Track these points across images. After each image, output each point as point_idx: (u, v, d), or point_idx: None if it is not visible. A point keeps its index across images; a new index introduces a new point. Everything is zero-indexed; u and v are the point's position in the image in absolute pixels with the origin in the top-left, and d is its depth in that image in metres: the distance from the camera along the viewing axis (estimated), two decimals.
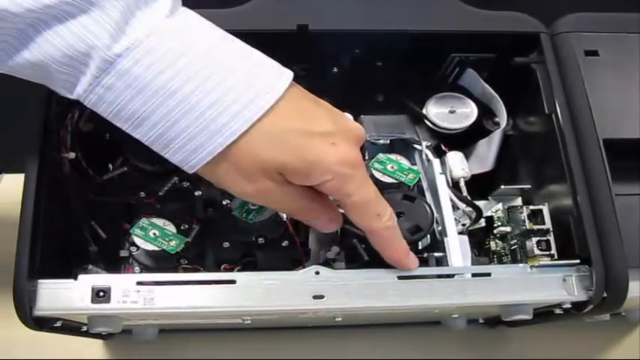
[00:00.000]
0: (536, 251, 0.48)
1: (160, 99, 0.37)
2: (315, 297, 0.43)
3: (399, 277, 0.44)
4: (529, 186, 0.54)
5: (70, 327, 0.47)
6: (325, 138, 0.39)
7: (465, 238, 0.50)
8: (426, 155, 0.54)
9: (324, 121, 0.40)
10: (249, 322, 0.49)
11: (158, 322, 0.55)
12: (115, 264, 0.50)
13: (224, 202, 0.50)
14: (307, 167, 0.39)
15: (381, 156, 0.52)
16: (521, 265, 0.47)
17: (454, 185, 0.54)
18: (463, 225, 0.52)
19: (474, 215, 0.52)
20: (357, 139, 0.42)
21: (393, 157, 0.52)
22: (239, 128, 0.37)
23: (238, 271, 0.49)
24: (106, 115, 0.38)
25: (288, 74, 0.40)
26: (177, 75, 0.36)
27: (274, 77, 0.39)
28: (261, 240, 0.50)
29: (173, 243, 0.47)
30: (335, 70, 0.57)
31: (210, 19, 0.52)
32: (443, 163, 0.54)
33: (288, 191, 0.40)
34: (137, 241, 0.48)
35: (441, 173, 0.52)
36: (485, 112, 0.57)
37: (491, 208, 0.54)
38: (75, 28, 0.35)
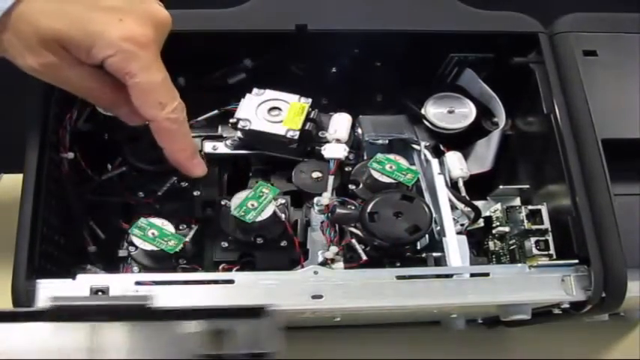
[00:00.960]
0: (535, 251, 0.48)
1: None
2: (314, 297, 0.43)
3: (398, 277, 0.44)
4: (528, 186, 0.54)
5: None
6: (111, 13, 0.38)
7: (464, 238, 0.50)
8: (425, 155, 0.54)
9: None
10: None
11: None
12: (113, 264, 0.50)
13: (222, 202, 0.50)
14: (87, 40, 0.37)
15: (379, 156, 0.52)
16: (519, 265, 0.47)
17: (453, 185, 0.54)
18: (462, 225, 0.52)
19: (472, 215, 0.52)
20: (152, 19, 0.39)
21: (392, 157, 0.52)
22: None
23: (237, 271, 0.49)
24: None
25: None
26: None
27: None
28: (259, 240, 0.50)
29: (171, 243, 0.47)
30: (334, 70, 0.57)
31: (210, 19, 0.52)
32: (441, 163, 0.54)
33: (76, 69, 0.39)
34: (136, 240, 0.47)
35: (439, 173, 0.52)
36: (484, 112, 0.57)
37: (490, 208, 0.54)
38: None
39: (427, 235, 0.50)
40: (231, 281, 0.43)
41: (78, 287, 0.42)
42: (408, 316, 0.61)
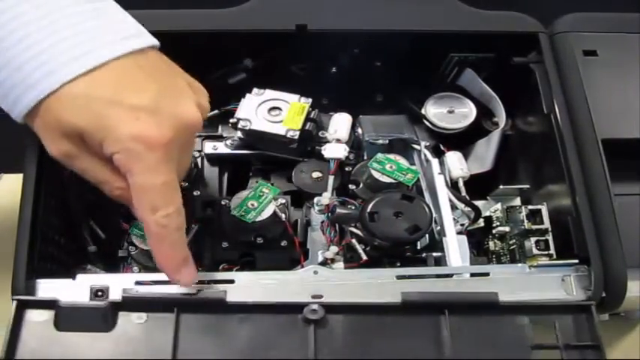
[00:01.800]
0: (535, 251, 0.48)
1: None
2: (314, 296, 0.42)
3: (398, 277, 0.44)
4: (528, 186, 0.54)
5: None
6: (131, 110, 0.38)
7: (464, 237, 0.50)
8: (425, 155, 0.54)
9: (144, 96, 0.38)
10: None
11: None
12: (113, 264, 0.50)
13: (223, 202, 0.50)
14: (100, 134, 0.38)
15: (379, 156, 0.52)
16: (519, 264, 0.47)
17: (453, 185, 0.54)
18: (462, 225, 0.52)
19: (472, 215, 0.52)
20: (178, 123, 0.39)
21: (392, 157, 0.52)
22: (48, 87, 0.37)
23: (237, 270, 0.49)
24: None
25: (131, 44, 0.39)
26: (2, 27, 0.37)
27: (106, 44, 0.39)
28: (259, 240, 0.49)
29: None
30: (334, 70, 0.57)
31: (210, 19, 0.52)
32: (442, 163, 0.54)
33: (92, 160, 0.40)
34: (136, 240, 0.48)
35: (439, 173, 0.52)
36: (484, 112, 0.57)
37: (490, 208, 0.54)
38: None
39: (427, 235, 0.50)
40: (231, 281, 0.43)
41: (78, 287, 0.42)
42: None
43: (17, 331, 0.39)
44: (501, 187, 0.54)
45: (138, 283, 0.42)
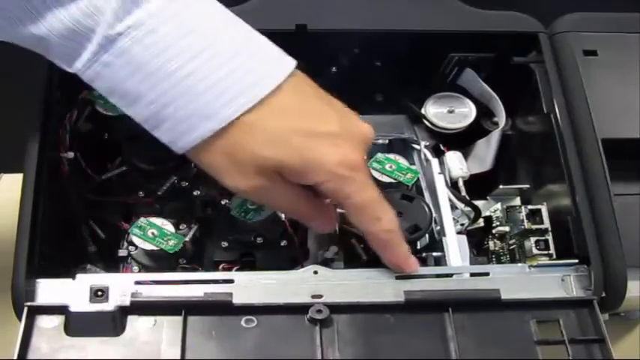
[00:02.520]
0: (535, 251, 0.48)
1: (156, 79, 0.37)
2: (314, 296, 0.42)
3: (398, 277, 0.44)
4: (528, 186, 0.54)
5: None
6: (328, 139, 0.39)
7: (464, 237, 0.49)
8: (425, 155, 0.54)
9: (330, 122, 0.40)
10: None
11: None
12: (113, 263, 0.50)
13: (222, 202, 0.50)
14: (305, 167, 0.38)
15: (379, 156, 0.52)
16: (519, 264, 0.47)
17: (453, 185, 0.54)
18: (462, 225, 0.52)
19: (472, 215, 0.52)
20: (363, 140, 0.41)
21: (392, 156, 0.52)
22: (231, 115, 0.37)
23: (237, 270, 0.49)
24: (102, 91, 0.38)
25: (290, 63, 0.40)
26: (175, 57, 0.36)
27: (276, 67, 0.39)
28: (259, 239, 0.49)
29: (171, 242, 0.47)
30: (334, 69, 0.57)
31: None
32: (441, 163, 0.54)
33: (283, 190, 0.40)
34: (136, 240, 0.47)
35: (439, 173, 0.52)
36: (484, 112, 0.57)
37: (490, 207, 0.54)
38: (82, 4, 0.36)
39: (427, 235, 0.50)
40: (231, 281, 0.43)
41: (78, 287, 0.42)
42: None
43: (28, 336, 0.40)
44: (501, 186, 0.54)
45: (138, 282, 0.42)
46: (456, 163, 0.55)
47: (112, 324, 0.40)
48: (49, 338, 0.40)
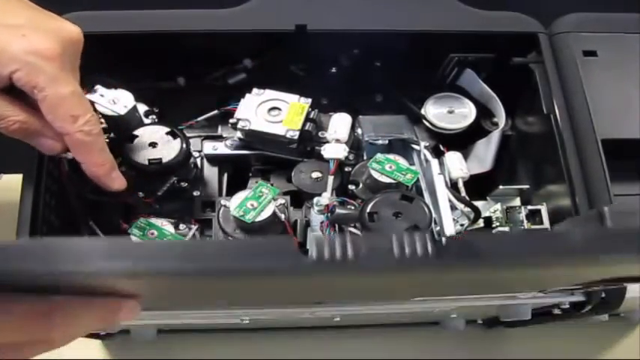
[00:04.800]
0: None
1: None
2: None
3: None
4: (528, 186, 0.54)
5: None
6: (13, 29, 0.38)
7: None
8: (425, 155, 0.54)
9: (17, 16, 0.39)
10: (247, 322, 0.49)
11: (156, 322, 0.55)
12: None
13: (223, 202, 0.50)
14: None
15: (379, 156, 0.52)
16: None
17: (452, 185, 0.54)
18: (461, 225, 0.51)
19: (472, 215, 0.52)
20: (60, 36, 0.40)
21: (392, 157, 0.52)
22: None
23: None
24: None
25: None
26: None
27: None
28: None
29: None
30: (333, 70, 0.57)
31: (210, 19, 0.52)
32: (441, 164, 0.54)
33: None
34: (135, 241, 0.47)
35: (439, 173, 0.52)
36: (484, 113, 0.57)
37: (490, 208, 0.54)
38: None
39: None
40: None
41: None
42: (408, 317, 0.61)
43: None
44: (501, 187, 0.54)
45: None
46: (456, 164, 0.54)
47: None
48: None
